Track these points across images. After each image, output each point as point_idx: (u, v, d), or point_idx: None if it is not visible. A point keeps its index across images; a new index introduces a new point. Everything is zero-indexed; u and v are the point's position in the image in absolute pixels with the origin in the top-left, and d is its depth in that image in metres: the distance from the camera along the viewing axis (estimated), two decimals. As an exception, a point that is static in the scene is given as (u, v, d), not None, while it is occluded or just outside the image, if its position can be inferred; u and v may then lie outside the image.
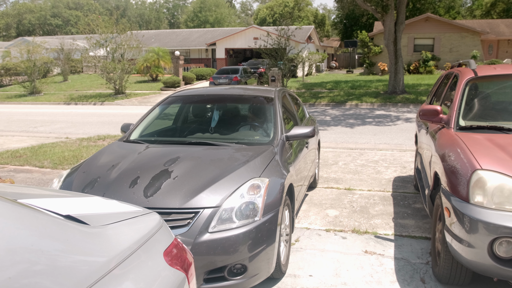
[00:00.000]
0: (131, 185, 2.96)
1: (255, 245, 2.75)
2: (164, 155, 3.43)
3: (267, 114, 4.28)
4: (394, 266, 3.50)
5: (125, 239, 1.30)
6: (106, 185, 3.02)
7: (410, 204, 5.11)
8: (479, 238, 2.52)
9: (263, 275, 2.89)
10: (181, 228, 2.69)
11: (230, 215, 2.76)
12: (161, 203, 2.78)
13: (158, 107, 4.64)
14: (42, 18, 72.24)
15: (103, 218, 1.35)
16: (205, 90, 5.08)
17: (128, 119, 14.56)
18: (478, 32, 30.16)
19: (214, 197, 2.83)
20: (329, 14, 72.52)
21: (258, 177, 3.07)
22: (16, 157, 8.11)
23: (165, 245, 1.48)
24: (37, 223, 1.09)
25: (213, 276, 2.70)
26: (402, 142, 9.32)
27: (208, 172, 3.07)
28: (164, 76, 27.70)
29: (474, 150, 2.90)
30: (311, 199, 5.34)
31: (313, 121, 6.09)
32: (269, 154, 3.50)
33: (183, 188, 2.89)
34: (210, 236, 2.65)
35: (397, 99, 17.18)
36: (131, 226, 1.41)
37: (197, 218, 2.72)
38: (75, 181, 3.19)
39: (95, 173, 3.23)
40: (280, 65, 20.69)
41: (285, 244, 3.38)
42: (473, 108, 3.85)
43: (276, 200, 3.02)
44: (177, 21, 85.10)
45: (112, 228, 1.30)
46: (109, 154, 3.64)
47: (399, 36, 17.86)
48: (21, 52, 24.65)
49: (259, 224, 2.80)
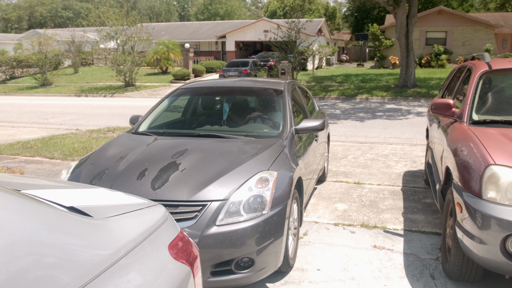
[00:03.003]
0: (139, 177, 2.95)
1: (263, 238, 2.72)
2: (172, 147, 3.41)
3: (276, 106, 4.24)
4: (403, 262, 3.46)
5: (130, 231, 1.28)
6: (114, 176, 3.02)
7: (420, 199, 5.05)
8: (491, 234, 2.47)
9: (270, 269, 2.86)
10: (188, 221, 2.67)
11: (238, 208, 2.74)
12: (169, 196, 2.76)
13: (167, 99, 4.61)
14: (53, 10, 72.69)
15: (107, 210, 1.34)
16: (214, 82, 5.05)
17: (138, 111, 14.60)
18: (492, 25, 29.61)
19: (222, 190, 2.81)
20: (340, 7, 71.79)
21: (267, 170, 3.05)
22: (27, 148, 8.18)
23: (170, 238, 1.46)
24: (38, 214, 1.07)
25: (220, 269, 2.68)
26: (413, 136, 9.21)
27: (216, 165, 3.05)
28: (174, 68, 27.73)
29: (488, 145, 2.83)
30: (320, 193, 5.30)
31: (323, 114, 6.04)
32: (278, 147, 3.47)
33: (191, 180, 2.87)
34: (217, 229, 2.63)
35: (408, 93, 16.98)
36: (135, 218, 1.39)
37: (204, 211, 2.69)
38: (83, 172, 3.19)
39: (103, 164, 3.23)
40: (290, 58, 20.56)
41: (293, 237, 3.35)
42: (487, 102, 3.76)
43: (284, 194, 2.99)
44: (187, 14, 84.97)
45: (116, 220, 1.28)
46: (117, 146, 3.63)
47: (411, 29, 17.62)
48: (32, 44, 24.87)
49: (267, 217, 2.78)
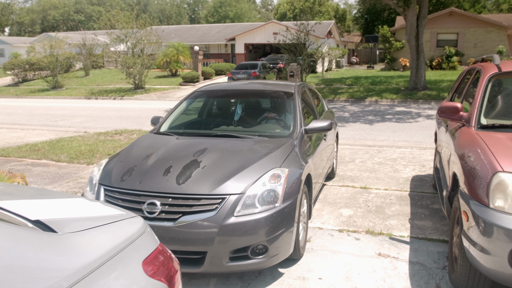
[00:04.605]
0: (165, 173, 3.23)
1: (275, 228, 2.99)
2: (192, 146, 3.71)
3: (287, 108, 4.51)
4: (409, 271, 3.35)
5: (98, 246, 1.21)
6: (142, 173, 3.28)
7: (428, 204, 4.93)
8: (499, 245, 2.35)
9: (282, 256, 3.13)
10: (209, 212, 2.94)
11: (253, 201, 3.01)
12: (192, 190, 3.03)
13: (185, 101, 4.88)
14: (65, 14, 73.56)
15: (76, 223, 1.27)
16: (229, 85, 5.27)
17: (146, 114, 14.66)
18: (505, 26, 29.14)
19: (239, 185, 3.07)
20: (350, 9, 71.49)
21: (279, 167, 3.31)
22: (34, 151, 8.22)
23: (146, 253, 1.39)
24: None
25: (238, 255, 2.96)
26: (422, 139, 9.06)
27: (233, 162, 3.32)
28: (184, 71, 27.79)
29: (496, 151, 2.72)
30: (325, 198, 5.21)
31: (332, 114, 6.32)
32: (288, 146, 3.74)
33: (211, 176, 3.14)
34: (235, 220, 2.91)
35: (418, 95, 16.77)
36: (107, 233, 1.32)
37: (224, 203, 2.96)
38: (114, 169, 3.46)
39: (132, 162, 3.51)
40: (299, 61, 20.44)
41: (303, 228, 3.63)
42: (496, 105, 3.63)
43: (295, 189, 3.25)
44: (197, 16, 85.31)
45: (83, 235, 1.21)
46: (143, 145, 3.94)
47: (421, 31, 17.41)
48: (44, 47, 25.10)
49: (279, 209, 3.05)
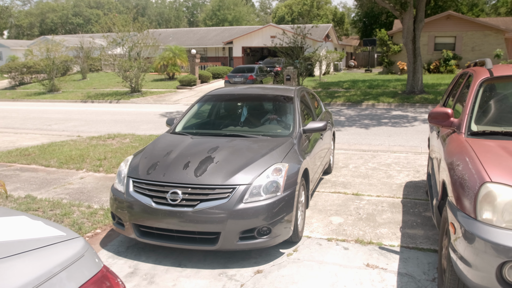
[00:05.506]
0: (184, 167, 3.81)
1: (277, 213, 3.56)
2: (206, 144, 4.31)
3: (287, 110, 5.08)
4: (397, 283, 3.23)
5: (19, 276, 1.09)
6: (165, 167, 3.86)
7: (420, 212, 4.82)
8: (486, 260, 2.24)
9: (283, 237, 3.70)
10: (222, 200, 3.50)
11: (258, 190, 3.58)
12: (208, 181, 3.61)
13: (196, 104, 5.47)
14: (64, 17, 73.44)
15: (2, 248, 1.15)
16: (235, 89, 5.94)
17: (141, 118, 14.54)
18: (502, 30, 29.08)
19: (247, 177, 3.65)
20: (348, 13, 71.50)
21: (280, 162, 3.89)
22: (24, 156, 8.09)
23: (84, 278, 1.27)
24: None
25: (246, 235, 3.52)
26: (418, 144, 8.96)
27: (242, 158, 3.91)
28: (181, 74, 27.68)
29: (484, 160, 2.60)
30: (315, 205, 5.10)
31: (329, 114, 7.06)
32: (289, 145, 4.31)
33: (223, 170, 3.73)
34: (244, 206, 3.48)
35: (415, 99, 16.68)
36: (35, 259, 1.20)
37: (234, 192, 3.54)
38: (140, 164, 4.02)
39: (155, 158, 4.09)
40: (296, 64, 20.34)
41: (301, 215, 4.15)
42: (488, 111, 3.53)
43: (294, 181, 3.83)
44: (196, 20, 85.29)
45: (5, 262, 1.09)
46: (162, 143, 4.53)
47: (418, 35, 17.33)
48: (41, 50, 24.98)
49: (281, 197, 3.62)
